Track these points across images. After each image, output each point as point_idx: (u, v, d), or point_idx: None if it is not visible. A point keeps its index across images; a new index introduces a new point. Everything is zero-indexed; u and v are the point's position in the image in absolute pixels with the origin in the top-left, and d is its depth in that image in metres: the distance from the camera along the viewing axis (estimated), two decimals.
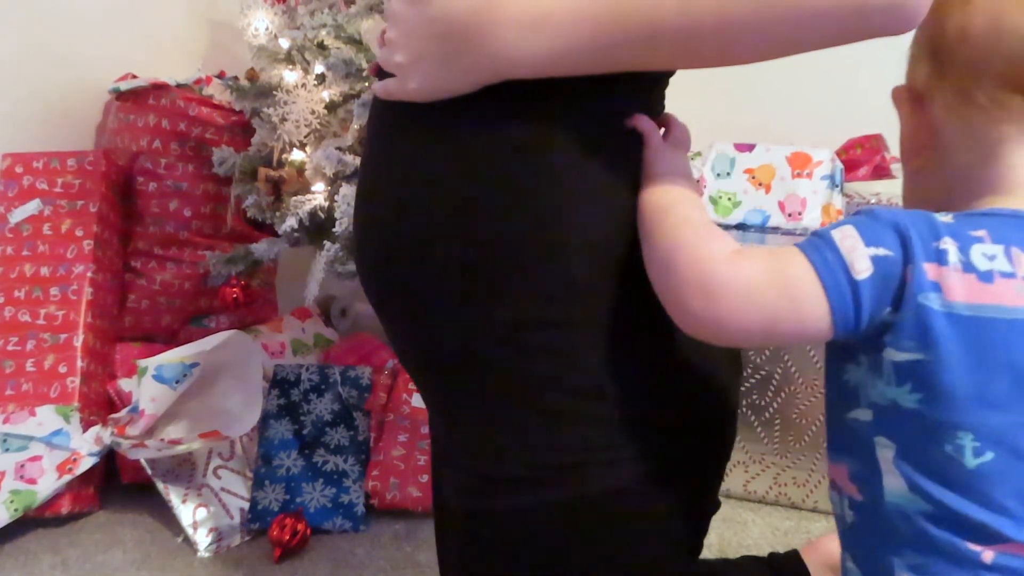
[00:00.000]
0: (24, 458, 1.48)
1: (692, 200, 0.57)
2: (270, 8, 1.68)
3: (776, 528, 1.57)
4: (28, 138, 1.74)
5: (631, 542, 0.57)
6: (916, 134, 0.65)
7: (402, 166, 0.58)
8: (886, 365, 0.51)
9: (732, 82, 2.10)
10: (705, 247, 0.52)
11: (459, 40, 0.51)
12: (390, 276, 0.60)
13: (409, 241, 0.57)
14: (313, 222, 1.54)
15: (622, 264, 0.55)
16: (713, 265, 0.51)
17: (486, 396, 0.57)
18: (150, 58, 1.91)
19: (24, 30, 1.73)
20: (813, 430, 1.58)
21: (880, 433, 0.53)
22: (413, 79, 0.54)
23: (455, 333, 0.57)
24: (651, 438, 0.55)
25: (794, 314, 0.50)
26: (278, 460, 1.54)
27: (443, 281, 0.56)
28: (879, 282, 0.49)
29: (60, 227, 1.67)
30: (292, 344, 1.87)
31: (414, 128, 0.57)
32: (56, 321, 1.60)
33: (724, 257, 0.51)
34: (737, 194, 1.81)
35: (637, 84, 0.56)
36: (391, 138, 0.60)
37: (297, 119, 1.55)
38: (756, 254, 0.52)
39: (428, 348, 0.60)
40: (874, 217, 0.52)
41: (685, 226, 0.54)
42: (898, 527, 0.53)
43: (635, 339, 0.56)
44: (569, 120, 0.54)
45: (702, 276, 0.50)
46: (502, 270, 0.54)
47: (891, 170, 1.88)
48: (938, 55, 0.60)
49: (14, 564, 1.39)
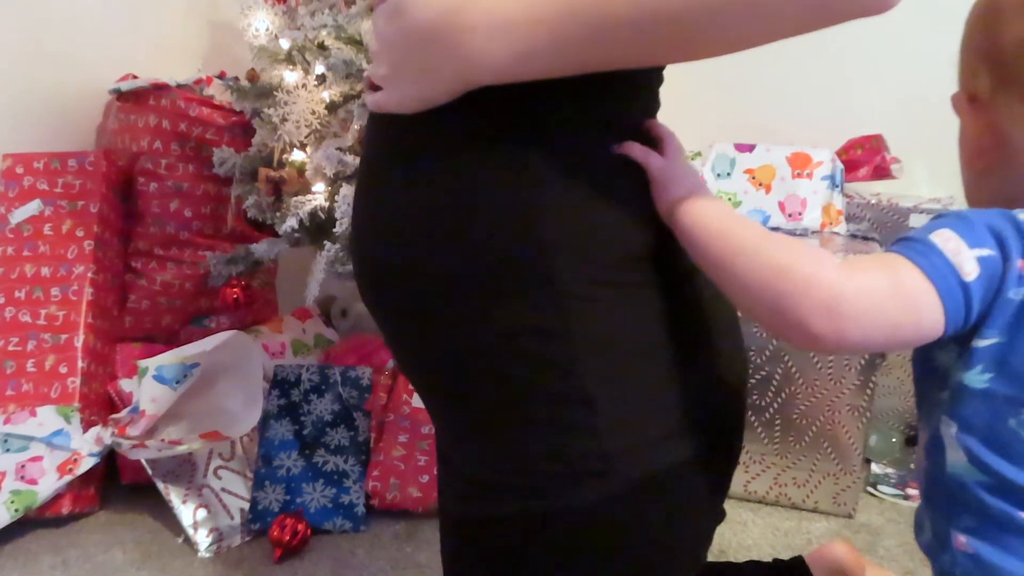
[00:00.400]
0: (25, 458, 1.48)
1: (739, 215, 0.59)
2: (270, 8, 1.68)
3: (776, 528, 1.57)
4: (28, 138, 1.74)
5: (624, 554, 0.56)
6: (980, 137, 0.67)
7: (398, 176, 0.59)
8: (971, 351, 0.55)
9: (732, 82, 2.10)
10: (814, 265, 0.52)
11: (430, 50, 0.53)
12: (385, 283, 0.60)
13: (403, 250, 0.58)
14: (313, 222, 1.54)
15: (616, 273, 0.55)
16: (835, 285, 0.52)
17: (478, 403, 0.57)
18: (150, 58, 1.91)
19: (24, 31, 1.74)
20: (813, 430, 1.58)
21: (947, 412, 0.58)
22: (396, 91, 0.56)
23: (449, 341, 0.57)
24: (646, 449, 0.55)
25: (914, 321, 0.52)
26: (278, 460, 1.55)
27: (436, 290, 0.56)
28: (985, 282, 0.53)
29: (61, 227, 1.67)
30: (292, 344, 1.87)
31: (406, 141, 0.58)
32: (57, 321, 1.60)
33: (842, 275, 0.52)
34: (737, 194, 1.81)
35: (628, 87, 0.56)
36: (384, 152, 0.61)
37: (297, 119, 1.55)
38: (868, 266, 0.53)
39: (423, 356, 0.60)
40: (966, 219, 0.54)
41: (772, 247, 0.55)
42: (957, 494, 0.58)
43: (630, 349, 0.55)
44: (560, 130, 0.55)
45: (825, 297, 0.51)
46: (495, 279, 0.54)
47: (891, 170, 1.88)
48: (999, 65, 0.63)
49: (14, 564, 1.39)
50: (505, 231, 0.54)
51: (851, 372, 1.53)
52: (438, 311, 0.56)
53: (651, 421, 0.56)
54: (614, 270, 0.55)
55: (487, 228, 0.54)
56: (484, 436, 0.57)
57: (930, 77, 1.96)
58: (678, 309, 0.58)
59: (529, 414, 0.55)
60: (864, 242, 1.69)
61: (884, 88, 1.99)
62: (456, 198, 0.55)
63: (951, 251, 0.52)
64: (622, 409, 0.54)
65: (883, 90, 2.00)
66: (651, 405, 0.56)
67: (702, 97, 1.82)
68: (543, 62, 0.51)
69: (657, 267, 0.57)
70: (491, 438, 0.57)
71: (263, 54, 1.67)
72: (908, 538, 1.54)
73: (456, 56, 0.52)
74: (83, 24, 1.82)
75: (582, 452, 0.54)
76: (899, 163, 1.90)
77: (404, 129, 0.57)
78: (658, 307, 0.57)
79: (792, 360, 1.55)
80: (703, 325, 0.60)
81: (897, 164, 1.90)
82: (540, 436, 0.54)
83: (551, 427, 0.54)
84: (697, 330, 0.60)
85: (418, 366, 0.62)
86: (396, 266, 0.58)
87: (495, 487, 0.56)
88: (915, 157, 1.95)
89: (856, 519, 1.60)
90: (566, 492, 0.54)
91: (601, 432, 0.54)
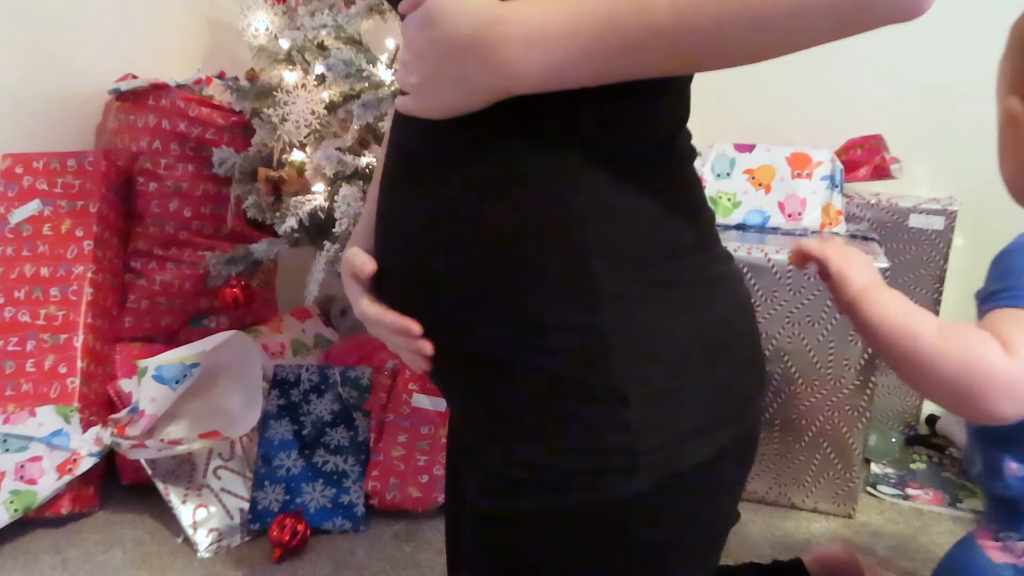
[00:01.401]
0: (24, 458, 1.48)
1: (915, 308, 0.70)
2: (270, 8, 1.68)
3: (776, 528, 1.57)
4: (28, 139, 1.74)
5: (645, 552, 0.57)
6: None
7: (435, 174, 0.59)
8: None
9: (732, 82, 2.10)
10: (989, 355, 0.64)
11: (465, 60, 0.53)
12: (415, 278, 0.61)
13: (436, 245, 0.58)
14: (313, 222, 1.54)
15: (649, 273, 0.56)
16: (1009, 371, 0.63)
17: (507, 397, 0.57)
18: (150, 58, 1.91)
19: (24, 31, 1.74)
20: (813, 430, 1.58)
21: None
22: (427, 99, 0.57)
23: (479, 334, 0.57)
24: (673, 447, 0.55)
25: None
26: (278, 460, 1.55)
27: (467, 282, 0.57)
28: None
29: (60, 227, 1.67)
30: (292, 344, 1.87)
31: (441, 144, 0.58)
32: (56, 321, 1.60)
33: (1013, 361, 0.63)
34: (737, 194, 1.81)
35: (661, 85, 0.56)
36: (417, 153, 0.61)
37: (297, 119, 1.55)
38: (1019, 343, 0.64)
39: (453, 349, 0.60)
40: None
41: (952, 345, 0.65)
42: (1010, 433, 0.72)
43: (661, 347, 0.56)
44: (597, 130, 0.55)
45: (1007, 386, 0.63)
46: (527, 272, 0.55)
47: (891, 170, 1.88)
48: None
49: (14, 564, 1.39)
50: (541, 229, 0.55)
51: (851, 372, 1.53)
52: (468, 303, 0.57)
53: (678, 419, 0.56)
54: (648, 269, 0.56)
55: (523, 226, 0.55)
56: (512, 430, 0.57)
57: (930, 77, 1.97)
58: (706, 312, 0.58)
59: (559, 409, 0.55)
60: (864, 242, 1.69)
61: (884, 88, 1.99)
62: (494, 195, 0.56)
63: None
64: (653, 406, 0.55)
65: (883, 90, 2.00)
66: (679, 403, 0.56)
67: (702, 97, 1.82)
68: (580, 72, 0.51)
69: (688, 269, 0.58)
70: (519, 432, 0.57)
71: (263, 54, 1.67)
72: (908, 538, 1.54)
73: (492, 68, 0.52)
74: (83, 24, 1.82)
75: (612, 448, 0.54)
76: (899, 163, 1.90)
77: (438, 131, 0.58)
78: (688, 308, 0.57)
79: (792, 360, 1.55)
80: (728, 329, 0.61)
81: (897, 164, 1.89)
82: (569, 431, 0.55)
83: (581, 422, 0.54)
84: (722, 334, 0.60)
85: (446, 360, 0.62)
86: (436, 266, 0.59)
87: (521, 481, 0.57)
88: (915, 157, 1.95)
89: (856, 519, 1.60)
90: (593, 488, 0.55)
91: (633, 428, 0.54)
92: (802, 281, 1.52)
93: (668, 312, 0.56)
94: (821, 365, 1.54)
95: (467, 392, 0.63)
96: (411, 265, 0.61)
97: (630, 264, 0.55)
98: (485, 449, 0.60)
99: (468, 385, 0.62)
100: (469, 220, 0.57)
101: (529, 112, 0.54)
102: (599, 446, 0.54)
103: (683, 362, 0.57)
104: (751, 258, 1.54)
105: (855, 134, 1.95)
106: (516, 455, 0.57)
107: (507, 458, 0.58)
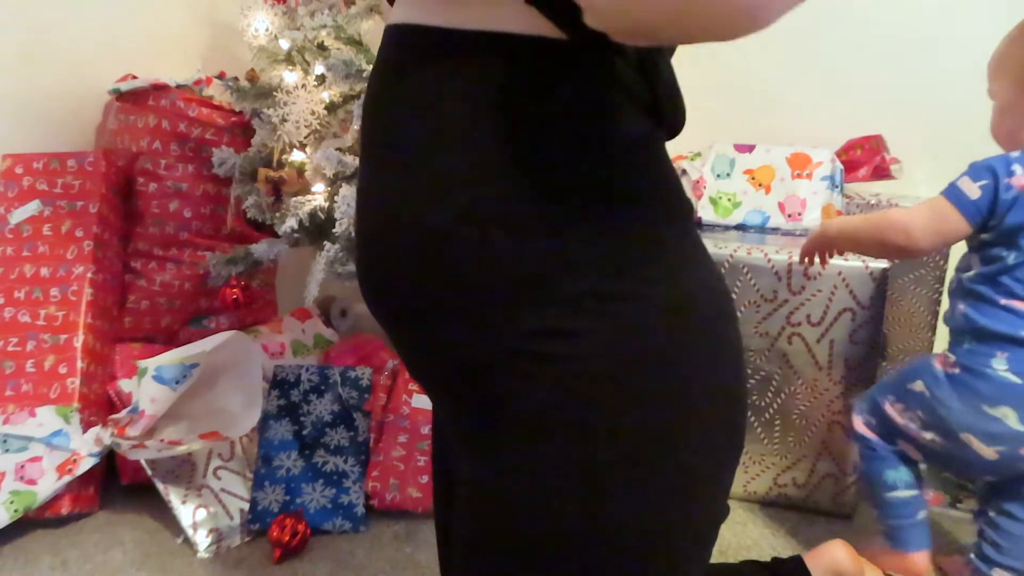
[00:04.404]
0: (24, 459, 1.48)
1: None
2: (270, 9, 1.68)
3: (776, 528, 1.57)
4: (28, 139, 1.74)
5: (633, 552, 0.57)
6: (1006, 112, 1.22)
7: (404, 172, 0.58)
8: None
9: (732, 83, 2.10)
10: (906, 214, 1.22)
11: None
12: (399, 286, 0.60)
13: (416, 249, 0.57)
14: (313, 223, 1.54)
15: (632, 284, 0.55)
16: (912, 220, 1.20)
17: (498, 404, 0.57)
18: (150, 59, 1.91)
19: (25, 31, 1.74)
20: (813, 430, 1.58)
21: (975, 251, 1.23)
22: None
23: (470, 342, 0.57)
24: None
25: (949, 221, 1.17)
26: (278, 461, 1.55)
27: (455, 288, 0.56)
28: (986, 197, 1.15)
29: (60, 228, 1.67)
30: (292, 345, 1.87)
31: (415, 131, 0.58)
32: (56, 322, 1.60)
33: (916, 214, 1.21)
34: (737, 195, 1.81)
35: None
36: (388, 145, 0.60)
37: (297, 120, 1.55)
38: (921, 206, 1.19)
39: (441, 358, 0.60)
40: (975, 166, 1.17)
41: (909, 210, 1.22)
42: (962, 286, 1.24)
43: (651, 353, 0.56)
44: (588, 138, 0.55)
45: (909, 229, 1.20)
46: (521, 286, 0.55)
47: (890, 171, 1.88)
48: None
49: (14, 565, 1.39)
50: (530, 242, 0.54)
51: (851, 372, 1.53)
52: (456, 309, 0.57)
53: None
54: (631, 280, 0.55)
55: (502, 225, 0.54)
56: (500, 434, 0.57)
57: (930, 78, 1.97)
58: (691, 320, 0.58)
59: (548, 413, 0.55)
60: None
61: (884, 88, 2.00)
62: (468, 189, 0.55)
63: (964, 186, 1.17)
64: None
65: (883, 90, 2.00)
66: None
67: (702, 97, 1.82)
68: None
69: (672, 282, 0.57)
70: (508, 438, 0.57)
71: (263, 54, 1.67)
72: None
73: None
74: (83, 24, 1.82)
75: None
76: (899, 163, 1.90)
77: (410, 115, 0.57)
78: (674, 318, 0.57)
79: (792, 360, 1.55)
80: (714, 338, 0.61)
81: (897, 164, 1.90)
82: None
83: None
84: (707, 342, 0.60)
85: (435, 368, 0.62)
86: (409, 266, 0.58)
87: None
88: (915, 157, 1.95)
89: (856, 519, 1.60)
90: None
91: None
92: (802, 281, 1.52)
93: (653, 321, 0.55)
94: (821, 365, 1.54)
95: (457, 399, 0.62)
96: (389, 275, 0.61)
97: (615, 277, 0.54)
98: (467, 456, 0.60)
99: (459, 393, 0.61)
100: (442, 220, 0.56)
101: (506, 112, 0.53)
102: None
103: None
104: (751, 258, 1.54)
105: (855, 134, 1.95)
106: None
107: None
